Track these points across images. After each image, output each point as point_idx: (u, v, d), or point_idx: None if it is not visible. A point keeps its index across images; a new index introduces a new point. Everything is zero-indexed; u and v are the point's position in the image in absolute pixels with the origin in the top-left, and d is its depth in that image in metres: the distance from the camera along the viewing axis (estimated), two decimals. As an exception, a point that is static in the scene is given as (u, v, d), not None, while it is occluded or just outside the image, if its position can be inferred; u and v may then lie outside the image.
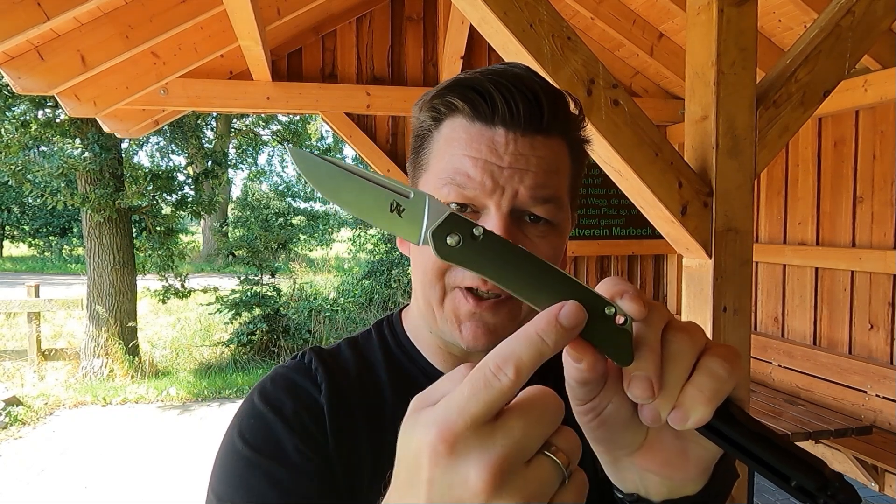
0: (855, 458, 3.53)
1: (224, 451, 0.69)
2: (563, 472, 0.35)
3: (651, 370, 0.39)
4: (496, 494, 0.33)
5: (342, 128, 5.10)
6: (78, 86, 3.73)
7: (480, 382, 0.35)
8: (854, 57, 1.82)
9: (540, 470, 0.35)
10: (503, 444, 0.34)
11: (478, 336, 0.65)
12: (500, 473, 0.34)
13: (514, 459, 0.34)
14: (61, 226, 21.10)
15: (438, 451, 0.34)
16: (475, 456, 0.34)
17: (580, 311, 0.37)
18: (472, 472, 0.34)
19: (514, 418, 0.35)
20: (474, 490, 0.33)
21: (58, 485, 4.46)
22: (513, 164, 0.63)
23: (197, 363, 7.87)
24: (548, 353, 0.36)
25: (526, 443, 0.35)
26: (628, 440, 0.45)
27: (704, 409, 0.39)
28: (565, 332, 0.37)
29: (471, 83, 0.65)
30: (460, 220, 0.41)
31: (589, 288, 0.40)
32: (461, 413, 0.35)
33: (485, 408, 0.35)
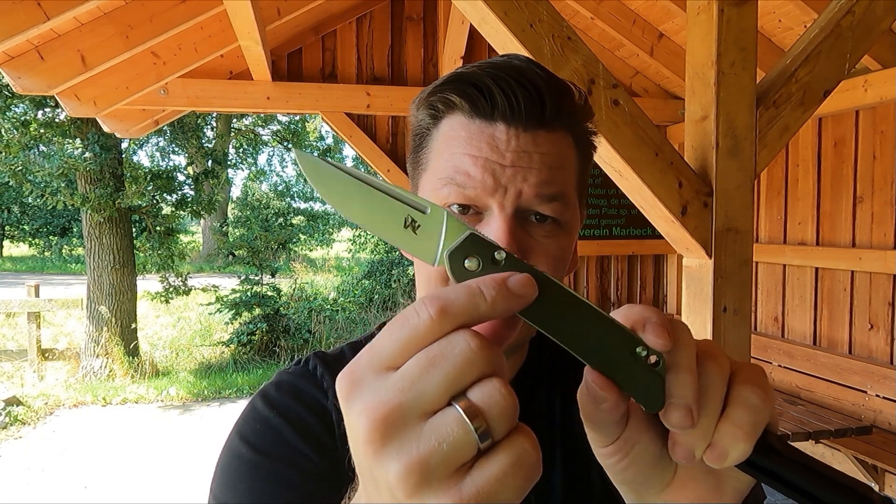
0: (855, 458, 3.53)
1: (226, 458, 0.66)
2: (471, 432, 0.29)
3: (689, 396, 0.36)
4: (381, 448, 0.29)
5: (342, 128, 5.10)
6: (78, 86, 3.73)
7: (398, 321, 0.31)
8: (854, 57, 1.82)
9: (437, 426, 0.29)
10: (394, 389, 0.30)
11: None
12: (383, 422, 0.29)
13: (403, 409, 0.29)
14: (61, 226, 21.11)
15: (340, 391, 0.31)
16: (366, 400, 0.30)
17: (531, 282, 0.34)
18: (360, 420, 0.30)
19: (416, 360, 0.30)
20: (361, 439, 0.30)
21: (58, 485, 4.46)
22: (515, 162, 0.60)
23: (197, 363, 7.87)
24: (482, 307, 0.32)
25: (422, 390, 0.29)
26: (657, 479, 0.41)
27: (744, 446, 0.36)
28: (509, 295, 0.33)
29: (468, 78, 0.62)
30: (481, 241, 0.36)
31: (619, 323, 0.37)
32: (370, 352, 0.31)
33: (394, 347, 0.31)
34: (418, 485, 0.29)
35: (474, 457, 0.30)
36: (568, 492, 0.68)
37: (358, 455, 0.31)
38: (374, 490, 0.31)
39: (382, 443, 0.29)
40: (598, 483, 0.69)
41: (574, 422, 0.72)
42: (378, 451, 0.29)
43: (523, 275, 0.34)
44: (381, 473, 0.30)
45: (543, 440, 0.69)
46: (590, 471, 0.70)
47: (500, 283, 0.33)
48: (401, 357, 0.31)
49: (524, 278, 0.34)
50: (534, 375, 0.73)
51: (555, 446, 0.70)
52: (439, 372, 0.30)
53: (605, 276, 5.86)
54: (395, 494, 0.29)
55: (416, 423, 0.30)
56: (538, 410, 0.71)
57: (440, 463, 0.29)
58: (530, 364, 0.73)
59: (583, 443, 0.71)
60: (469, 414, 0.29)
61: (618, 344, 0.36)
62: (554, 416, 0.72)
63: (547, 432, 0.71)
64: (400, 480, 0.29)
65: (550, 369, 0.75)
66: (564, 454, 0.70)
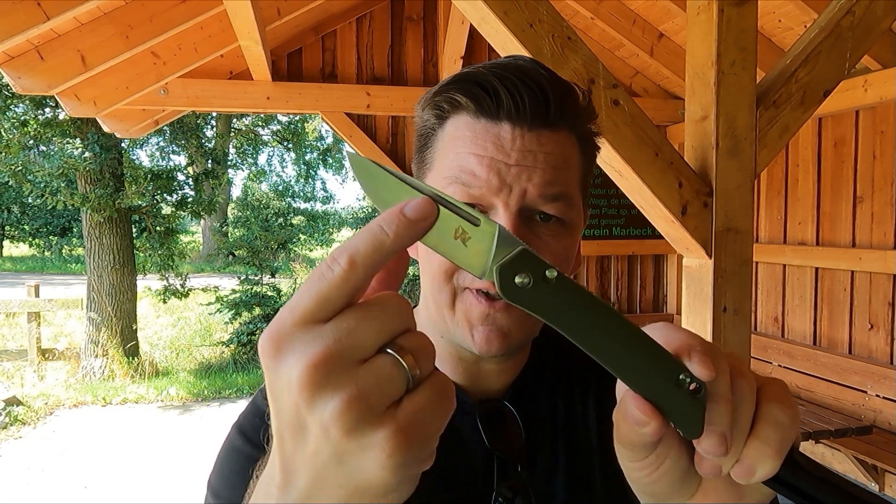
0: (855, 458, 3.53)
1: (225, 451, 0.68)
2: (405, 371, 0.32)
3: (726, 424, 0.36)
4: (318, 390, 0.31)
5: (342, 128, 5.10)
6: (78, 86, 3.73)
7: (315, 277, 0.33)
8: (854, 57, 1.82)
9: (375, 365, 0.32)
10: (330, 337, 0.31)
11: (491, 340, 0.62)
12: (321, 367, 0.31)
13: (342, 354, 0.31)
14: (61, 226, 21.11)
15: (266, 352, 0.32)
16: (299, 351, 0.31)
17: (429, 204, 0.35)
18: (294, 368, 0.31)
19: (347, 313, 0.32)
20: (296, 386, 0.31)
21: (58, 485, 4.46)
22: (520, 161, 0.61)
23: (197, 363, 7.86)
24: (387, 244, 0.33)
25: (358, 338, 0.32)
26: (683, 491, 0.42)
27: (772, 463, 0.37)
28: (408, 223, 0.34)
29: (474, 78, 0.62)
30: (533, 257, 0.36)
31: (665, 350, 0.37)
32: (291, 310, 0.32)
33: (314, 301, 0.32)
34: (357, 419, 0.31)
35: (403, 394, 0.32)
36: (570, 493, 0.68)
37: (288, 408, 0.32)
38: (301, 441, 0.33)
39: (320, 385, 0.31)
40: (600, 484, 0.69)
41: (576, 422, 0.72)
42: (314, 394, 0.31)
43: (419, 198, 0.35)
44: (315, 417, 0.31)
45: (546, 441, 0.69)
46: (592, 472, 0.69)
47: (397, 216, 0.34)
48: (322, 311, 0.32)
49: (420, 201, 0.35)
50: (536, 377, 0.73)
51: (557, 447, 0.70)
52: (374, 322, 0.32)
53: (605, 276, 5.86)
54: (331, 434, 0.31)
55: (352, 366, 0.32)
56: (540, 411, 0.71)
57: (377, 398, 0.31)
58: (532, 365, 0.73)
59: (585, 444, 0.71)
60: (401, 355, 0.32)
61: (663, 370, 0.36)
62: (556, 418, 0.72)
63: (549, 433, 0.71)
64: (338, 417, 0.31)
65: (553, 370, 0.74)
66: (566, 455, 0.70)
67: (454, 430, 0.69)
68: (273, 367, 0.32)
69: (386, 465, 0.31)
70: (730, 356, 0.40)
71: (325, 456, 0.32)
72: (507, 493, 0.65)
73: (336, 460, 0.32)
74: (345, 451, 0.32)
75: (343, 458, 0.32)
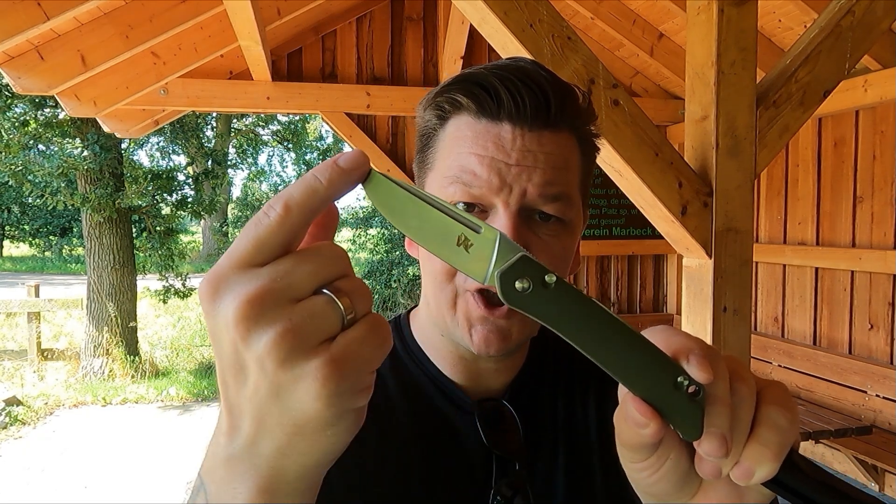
0: (855, 458, 3.53)
1: None
2: (339, 310, 0.33)
3: (725, 426, 0.37)
4: (253, 324, 0.32)
5: (342, 128, 5.10)
6: (78, 86, 3.73)
7: (251, 224, 0.34)
8: (854, 57, 1.82)
9: (310, 304, 0.33)
10: (266, 277, 0.33)
11: (490, 341, 0.62)
12: (256, 303, 0.32)
13: (276, 293, 0.32)
14: (61, 226, 21.11)
15: (205, 295, 0.33)
16: (235, 291, 0.33)
17: (361, 155, 0.36)
18: (229, 307, 0.32)
19: (285, 258, 0.34)
20: (232, 323, 0.32)
21: (58, 485, 4.46)
22: (520, 161, 0.61)
23: (197, 363, 7.86)
24: (321, 190, 0.34)
25: (294, 279, 0.33)
26: (684, 492, 0.43)
27: (771, 466, 0.37)
28: (341, 171, 0.35)
29: (475, 78, 0.63)
30: (532, 263, 0.38)
31: (663, 353, 0.38)
32: (229, 256, 0.34)
33: (251, 245, 0.33)
34: (290, 351, 0.32)
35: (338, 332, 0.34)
36: (570, 493, 0.68)
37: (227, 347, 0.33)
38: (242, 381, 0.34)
39: (254, 320, 0.32)
40: (600, 484, 0.69)
41: (576, 422, 0.72)
42: (249, 329, 0.32)
43: (353, 151, 0.36)
44: (251, 352, 0.32)
45: (545, 441, 0.70)
46: (592, 471, 0.69)
47: (331, 165, 0.35)
48: (259, 254, 0.33)
49: (354, 153, 0.36)
50: (535, 376, 0.73)
51: (557, 447, 0.70)
52: (309, 265, 0.34)
53: (605, 276, 5.86)
54: (265, 366, 0.32)
55: (288, 304, 0.33)
56: (540, 411, 0.71)
57: (310, 332, 0.33)
58: (532, 365, 0.73)
59: (584, 443, 0.71)
60: (336, 295, 0.34)
61: (662, 373, 0.37)
62: (556, 417, 0.72)
63: (549, 433, 0.71)
64: (272, 350, 0.32)
65: (552, 370, 0.75)
66: (566, 455, 0.70)
67: (453, 429, 0.70)
68: (211, 309, 0.33)
69: (320, 394, 0.32)
70: (730, 360, 0.40)
71: (264, 392, 0.33)
72: (505, 491, 0.65)
73: (273, 395, 0.33)
74: (280, 384, 0.32)
75: (279, 392, 0.33)
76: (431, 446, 0.68)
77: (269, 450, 0.35)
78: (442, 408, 0.70)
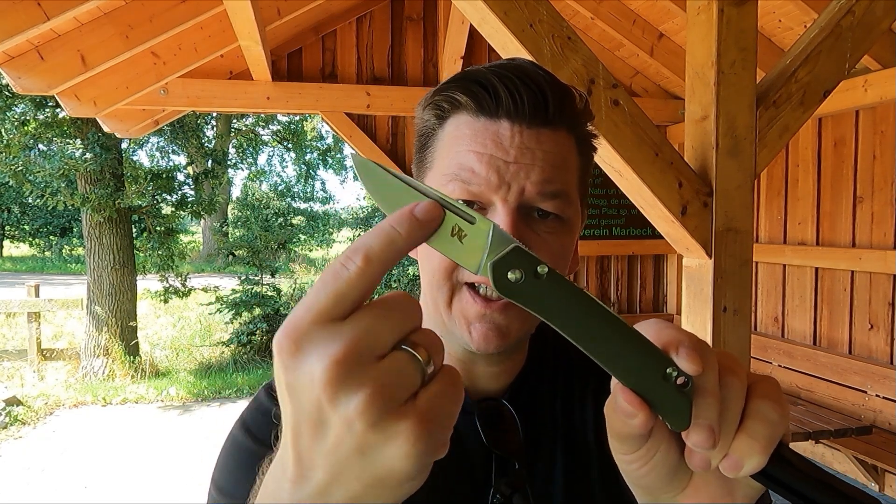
0: (855, 458, 3.53)
1: (228, 446, 0.68)
2: (421, 365, 0.34)
3: (713, 417, 0.37)
4: (341, 386, 0.32)
5: (342, 128, 5.10)
6: (78, 86, 3.73)
7: (329, 275, 0.33)
8: (854, 57, 1.82)
9: (394, 361, 0.33)
10: (350, 335, 0.32)
11: (488, 338, 0.62)
12: (344, 364, 0.32)
13: (362, 351, 0.32)
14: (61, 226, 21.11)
15: (284, 350, 0.33)
16: (321, 349, 0.32)
17: (436, 207, 0.36)
18: (316, 365, 0.32)
19: (364, 312, 0.33)
20: (319, 382, 0.32)
21: (58, 485, 4.46)
22: (518, 159, 0.61)
23: (197, 363, 7.86)
24: (399, 242, 0.35)
25: (377, 335, 0.33)
26: (674, 484, 0.43)
27: (759, 458, 0.38)
28: (419, 223, 0.35)
29: (473, 77, 0.63)
30: (525, 254, 0.38)
31: (653, 345, 0.38)
32: (308, 308, 0.33)
33: (331, 299, 0.33)
34: (380, 413, 0.32)
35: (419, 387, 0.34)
36: (568, 493, 0.68)
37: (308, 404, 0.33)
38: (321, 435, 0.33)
39: (343, 381, 0.32)
40: (598, 484, 0.69)
41: (574, 422, 0.72)
42: (338, 391, 0.32)
43: (427, 201, 0.37)
44: (338, 412, 0.32)
45: (545, 440, 0.70)
46: (590, 472, 0.70)
47: (408, 216, 0.36)
48: (340, 308, 0.33)
49: (428, 204, 0.36)
50: (535, 377, 0.73)
51: (556, 446, 0.70)
52: (390, 321, 0.34)
53: (605, 276, 5.86)
54: (355, 427, 0.32)
55: (374, 363, 0.33)
56: (539, 411, 0.71)
57: (397, 390, 0.33)
58: (531, 365, 0.73)
59: (583, 443, 0.71)
60: (415, 351, 0.34)
61: (651, 364, 0.38)
62: (555, 417, 0.72)
63: (549, 432, 0.71)
64: (362, 412, 0.32)
65: (551, 370, 0.75)
66: (564, 455, 0.70)
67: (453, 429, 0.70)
68: (292, 364, 0.33)
69: (409, 453, 0.33)
70: (721, 354, 0.41)
71: (347, 449, 0.33)
72: (505, 490, 0.65)
73: (358, 453, 0.33)
74: (368, 444, 0.33)
75: (365, 451, 0.33)
76: None
77: (342, 499, 0.34)
78: None
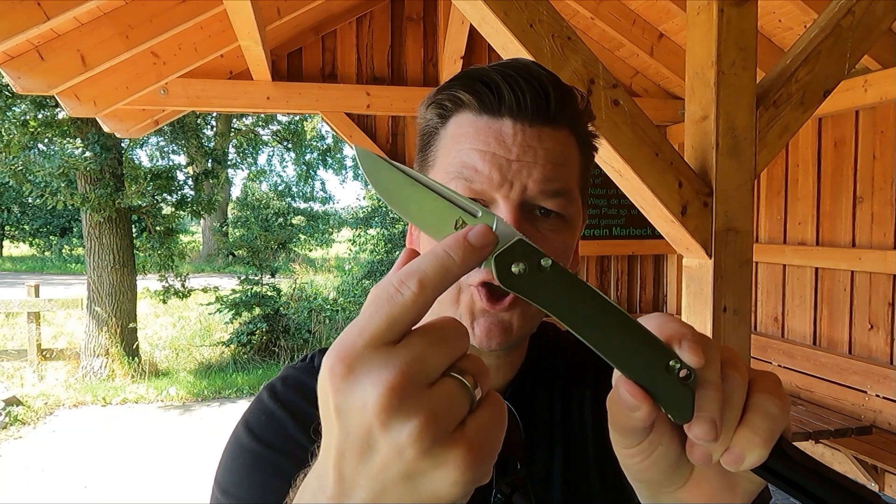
0: (855, 458, 3.53)
1: (231, 447, 0.68)
2: (470, 392, 0.34)
3: (715, 411, 0.37)
4: (396, 413, 0.32)
5: (342, 128, 5.10)
6: (78, 86, 3.73)
7: (383, 299, 0.34)
8: (854, 57, 1.82)
9: (444, 388, 0.33)
10: (403, 361, 0.32)
11: (491, 334, 0.63)
12: (399, 390, 0.32)
13: (415, 378, 0.32)
14: (61, 226, 21.10)
15: (336, 373, 0.33)
16: (374, 374, 0.32)
17: (489, 232, 0.36)
18: (369, 391, 0.32)
19: (416, 337, 0.34)
20: (372, 408, 0.32)
21: (58, 485, 4.46)
22: (521, 157, 0.62)
23: (197, 363, 7.86)
24: (453, 268, 0.35)
25: (429, 362, 0.33)
26: (675, 479, 0.43)
27: (760, 452, 0.38)
28: (473, 249, 0.36)
29: (476, 75, 0.64)
30: (528, 247, 0.38)
31: (656, 337, 0.38)
32: (361, 331, 0.33)
33: (386, 323, 0.33)
34: (432, 441, 0.32)
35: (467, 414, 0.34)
36: (567, 491, 0.68)
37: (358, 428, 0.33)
38: (368, 459, 0.33)
39: (396, 408, 0.32)
40: (596, 483, 0.69)
41: (572, 421, 0.72)
42: (391, 417, 0.32)
43: (480, 226, 0.37)
44: (390, 438, 0.32)
45: (543, 440, 0.70)
46: (588, 471, 0.70)
47: (462, 242, 0.36)
48: (393, 332, 0.33)
49: (481, 229, 0.36)
50: (534, 375, 0.73)
51: (554, 446, 0.70)
52: (441, 348, 0.34)
53: (605, 276, 5.86)
54: (405, 454, 0.32)
55: (424, 390, 0.33)
56: (539, 410, 0.72)
57: (448, 419, 0.33)
58: (531, 364, 0.74)
59: (581, 442, 0.72)
60: (464, 377, 0.34)
61: (654, 357, 0.38)
62: (554, 416, 0.72)
63: (547, 432, 0.71)
64: (415, 439, 0.32)
65: (549, 368, 0.75)
66: (563, 454, 0.70)
67: None
68: (345, 388, 0.33)
69: (458, 481, 0.33)
70: (723, 348, 0.41)
71: (394, 474, 0.33)
72: (505, 489, 0.65)
73: (405, 478, 0.33)
74: (416, 471, 0.33)
75: (413, 477, 0.33)
76: None
77: None
78: None
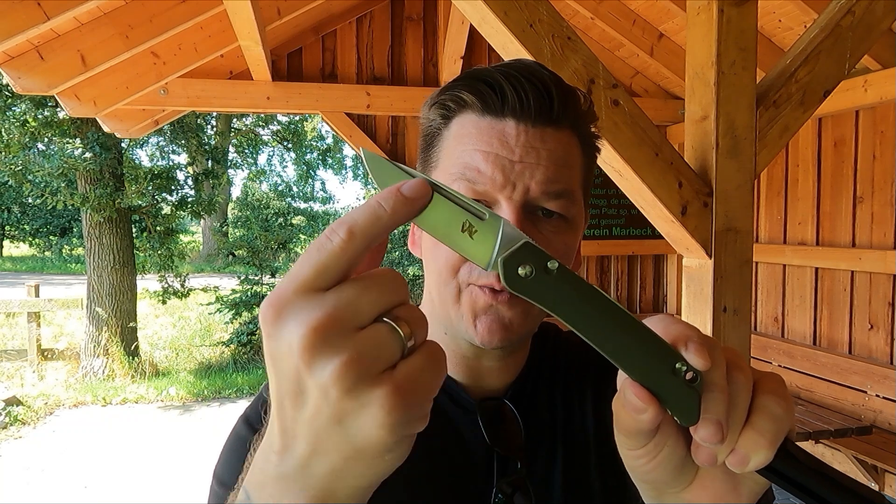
0: (855, 458, 3.53)
1: (230, 442, 0.68)
2: (401, 337, 0.34)
3: (721, 413, 0.38)
4: (318, 353, 0.32)
5: (342, 128, 5.10)
6: (78, 86, 3.73)
7: (314, 248, 0.34)
8: (854, 57, 1.82)
9: (373, 332, 0.33)
10: (330, 304, 0.33)
11: (493, 330, 0.62)
12: (322, 331, 0.32)
13: (340, 321, 0.33)
14: (61, 226, 21.10)
15: (267, 319, 0.34)
16: (301, 317, 0.33)
17: (424, 185, 0.37)
18: (294, 332, 0.32)
19: (347, 284, 0.34)
20: (297, 349, 0.32)
21: (58, 485, 4.46)
22: (524, 158, 0.62)
23: (197, 363, 7.86)
24: (384, 217, 0.35)
25: (358, 307, 0.33)
26: (680, 480, 0.43)
27: (766, 453, 0.38)
28: (405, 200, 0.36)
29: (479, 75, 0.64)
30: (535, 250, 0.38)
31: (662, 339, 0.38)
32: (291, 279, 0.34)
33: (314, 270, 0.33)
34: (355, 379, 0.32)
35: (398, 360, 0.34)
36: (567, 490, 0.68)
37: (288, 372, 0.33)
38: (301, 404, 0.34)
39: (319, 348, 0.32)
40: (597, 483, 0.69)
41: (573, 422, 0.72)
42: (314, 357, 0.32)
43: (416, 180, 0.37)
44: (315, 379, 0.33)
45: (545, 440, 0.70)
46: (589, 471, 0.70)
47: (395, 193, 0.36)
48: (322, 279, 0.34)
49: (416, 182, 0.37)
50: (535, 376, 0.73)
51: (555, 446, 0.70)
52: (372, 293, 0.34)
53: (605, 276, 5.86)
54: (329, 394, 0.32)
55: (351, 332, 0.33)
56: (540, 410, 0.72)
57: (374, 360, 0.33)
58: (532, 365, 0.74)
59: (582, 443, 0.72)
60: (397, 324, 0.34)
61: (660, 359, 0.38)
62: (555, 416, 0.72)
63: (548, 432, 0.71)
64: (337, 378, 0.32)
65: (550, 369, 0.75)
66: (564, 454, 0.70)
67: (456, 428, 0.70)
68: (273, 333, 0.33)
69: (384, 422, 0.33)
70: (728, 350, 0.41)
71: (325, 418, 0.33)
72: (506, 488, 0.65)
73: (335, 421, 0.33)
74: (344, 412, 0.33)
75: (342, 419, 0.33)
76: (434, 445, 0.68)
77: (323, 471, 0.35)
78: (444, 407, 0.70)
